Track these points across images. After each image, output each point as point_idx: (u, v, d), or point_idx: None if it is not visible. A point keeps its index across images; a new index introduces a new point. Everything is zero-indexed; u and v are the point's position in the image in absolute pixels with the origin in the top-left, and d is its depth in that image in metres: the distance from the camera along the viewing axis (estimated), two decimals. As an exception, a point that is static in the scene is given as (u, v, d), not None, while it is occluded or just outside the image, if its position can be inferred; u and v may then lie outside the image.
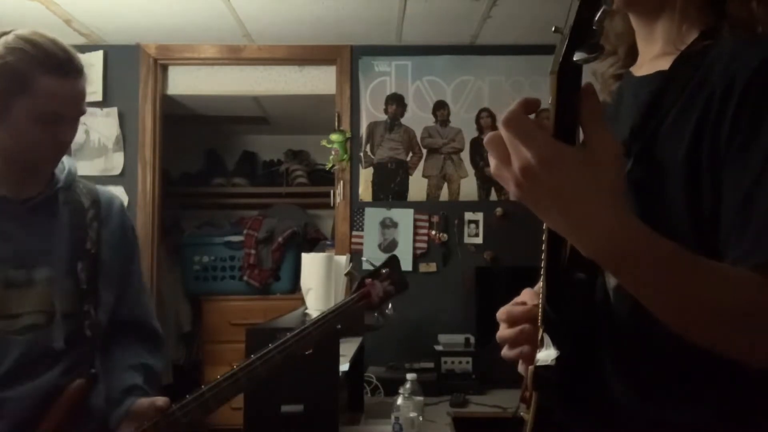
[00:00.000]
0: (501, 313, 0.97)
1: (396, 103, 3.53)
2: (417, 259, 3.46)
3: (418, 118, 3.52)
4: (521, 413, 0.91)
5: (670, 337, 0.73)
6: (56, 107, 1.34)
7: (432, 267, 3.47)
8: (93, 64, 3.47)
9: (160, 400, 1.43)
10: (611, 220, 0.68)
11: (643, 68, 0.93)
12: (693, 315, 0.72)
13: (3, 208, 1.38)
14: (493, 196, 3.47)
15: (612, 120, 0.94)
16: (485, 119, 3.51)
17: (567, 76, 0.67)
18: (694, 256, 0.71)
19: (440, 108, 3.52)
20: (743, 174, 0.74)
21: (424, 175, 3.51)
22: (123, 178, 3.47)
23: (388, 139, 3.53)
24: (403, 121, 3.53)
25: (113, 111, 3.49)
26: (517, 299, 0.99)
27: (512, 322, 0.95)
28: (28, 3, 2.90)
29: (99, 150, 3.49)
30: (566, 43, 0.66)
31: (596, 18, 0.64)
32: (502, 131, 0.69)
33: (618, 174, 0.69)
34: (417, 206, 3.49)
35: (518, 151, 0.67)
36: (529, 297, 0.97)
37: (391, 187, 3.52)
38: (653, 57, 0.91)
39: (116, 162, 3.49)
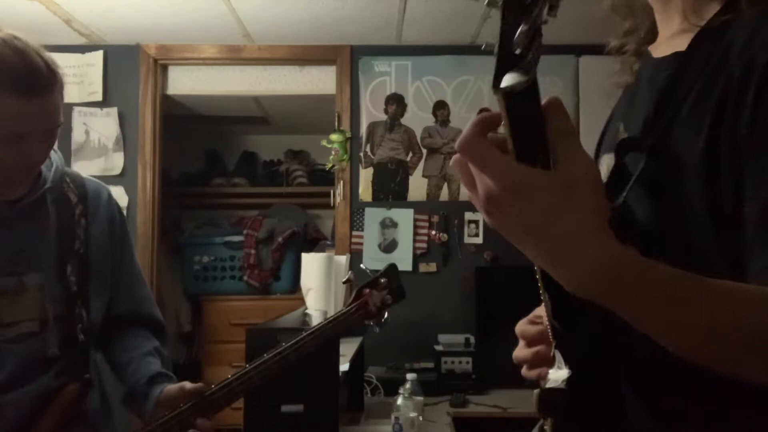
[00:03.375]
0: (517, 329, 0.90)
1: (396, 103, 3.53)
2: (417, 259, 3.46)
3: (418, 118, 3.52)
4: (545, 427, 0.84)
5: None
6: (14, 127, 1.26)
7: (432, 267, 3.47)
8: (93, 64, 3.47)
9: (189, 384, 1.43)
10: (593, 251, 0.59)
11: (660, 48, 0.85)
12: (706, 347, 0.64)
13: None
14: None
15: (628, 107, 0.87)
16: (485, 119, 3.51)
17: (517, 106, 0.56)
18: (700, 281, 0.62)
19: (440, 108, 3.52)
20: (764, 173, 0.66)
21: (424, 175, 3.51)
22: (123, 178, 3.47)
23: (388, 139, 3.53)
24: (403, 121, 3.53)
25: (113, 111, 3.49)
26: (535, 314, 0.90)
27: (528, 341, 0.88)
28: (28, 3, 2.90)
29: (99, 150, 3.49)
30: (497, 61, 0.56)
31: (515, 40, 0.54)
32: (463, 155, 0.60)
33: (595, 198, 0.60)
34: (417, 206, 3.49)
35: (480, 178, 0.59)
36: (544, 312, 0.87)
37: (391, 187, 3.52)
38: (671, 35, 0.83)
39: (116, 162, 3.49)
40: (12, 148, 1.28)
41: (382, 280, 1.60)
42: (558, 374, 0.75)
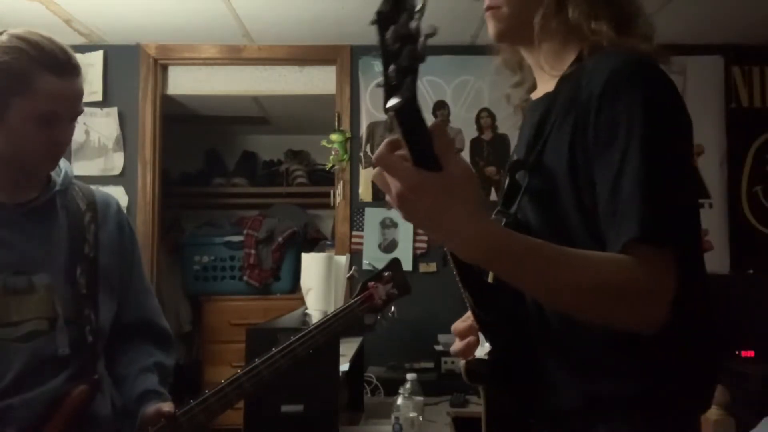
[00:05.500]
0: (452, 328, 1.13)
1: (396, 103, 3.53)
2: (417, 259, 3.46)
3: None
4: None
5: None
6: (55, 107, 1.32)
7: (432, 267, 3.47)
8: (93, 64, 3.47)
9: (166, 406, 1.42)
10: (472, 228, 0.79)
11: (537, 92, 1.10)
12: (560, 296, 0.86)
13: (0, 214, 1.35)
14: (493, 196, 3.47)
15: (519, 140, 1.13)
16: (485, 119, 3.51)
17: (404, 120, 0.75)
18: (553, 247, 0.84)
19: (440, 108, 3.52)
20: (607, 171, 0.89)
21: (424, 175, 3.50)
22: (123, 178, 3.47)
23: (388, 139, 3.52)
24: (403, 121, 3.52)
25: (113, 111, 3.49)
26: (467, 314, 1.12)
27: (460, 336, 1.10)
28: (28, 3, 2.90)
29: (99, 150, 3.49)
30: (383, 93, 0.75)
31: (389, 75, 0.74)
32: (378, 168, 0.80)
33: (473, 191, 0.79)
34: (417, 206, 3.48)
35: (392, 181, 0.78)
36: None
37: (391, 187, 3.51)
38: (544, 81, 1.07)
39: (116, 162, 3.49)
40: (45, 130, 1.33)
41: (386, 274, 1.61)
42: (482, 350, 0.96)
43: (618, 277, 0.84)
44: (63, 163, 1.48)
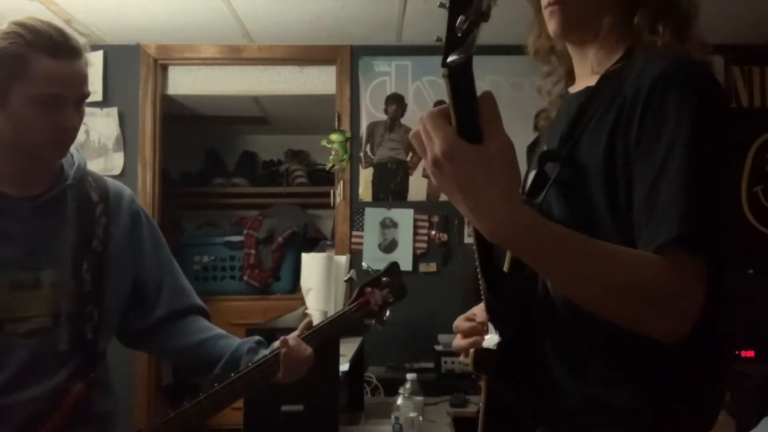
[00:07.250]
0: (454, 325, 1.12)
1: (396, 103, 3.53)
2: (417, 259, 3.46)
3: (418, 118, 3.51)
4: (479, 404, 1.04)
5: (599, 323, 0.84)
6: (54, 88, 1.31)
7: (432, 267, 3.47)
8: (93, 64, 3.44)
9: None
10: (503, 207, 0.77)
11: (576, 86, 1.08)
12: (587, 290, 0.82)
13: (10, 208, 1.34)
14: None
15: (550, 132, 1.09)
16: (485, 119, 3.51)
17: (457, 80, 0.75)
18: (586, 239, 0.81)
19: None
20: (648, 170, 0.86)
21: (424, 175, 3.51)
22: (123, 178, 3.46)
23: (388, 139, 3.53)
24: (403, 121, 3.53)
25: (113, 111, 3.49)
26: (471, 312, 1.12)
27: (463, 335, 1.10)
28: (28, 3, 2.90)
29: (99, 150, 3.49)
30: (443, 49, 0.75)
31: (456, 26, 0.73)
32: (420, 125, 0.79)
33: (510, 170, 0.77)
34: (417, 206, 3.49)
35: (429, 144, 0.77)
36: (480, 310, 1.09)
37: (391, 187, 3.52)
38: (586, 76, 1.05)
39: (116, 162, 3.49)
40: (48, 114, 1.32)
41: (384, 279, 1.58)
42: (490, 338, 0.94)
43: (649, 278, 0.80)
44: (77, 155, 1.46)
